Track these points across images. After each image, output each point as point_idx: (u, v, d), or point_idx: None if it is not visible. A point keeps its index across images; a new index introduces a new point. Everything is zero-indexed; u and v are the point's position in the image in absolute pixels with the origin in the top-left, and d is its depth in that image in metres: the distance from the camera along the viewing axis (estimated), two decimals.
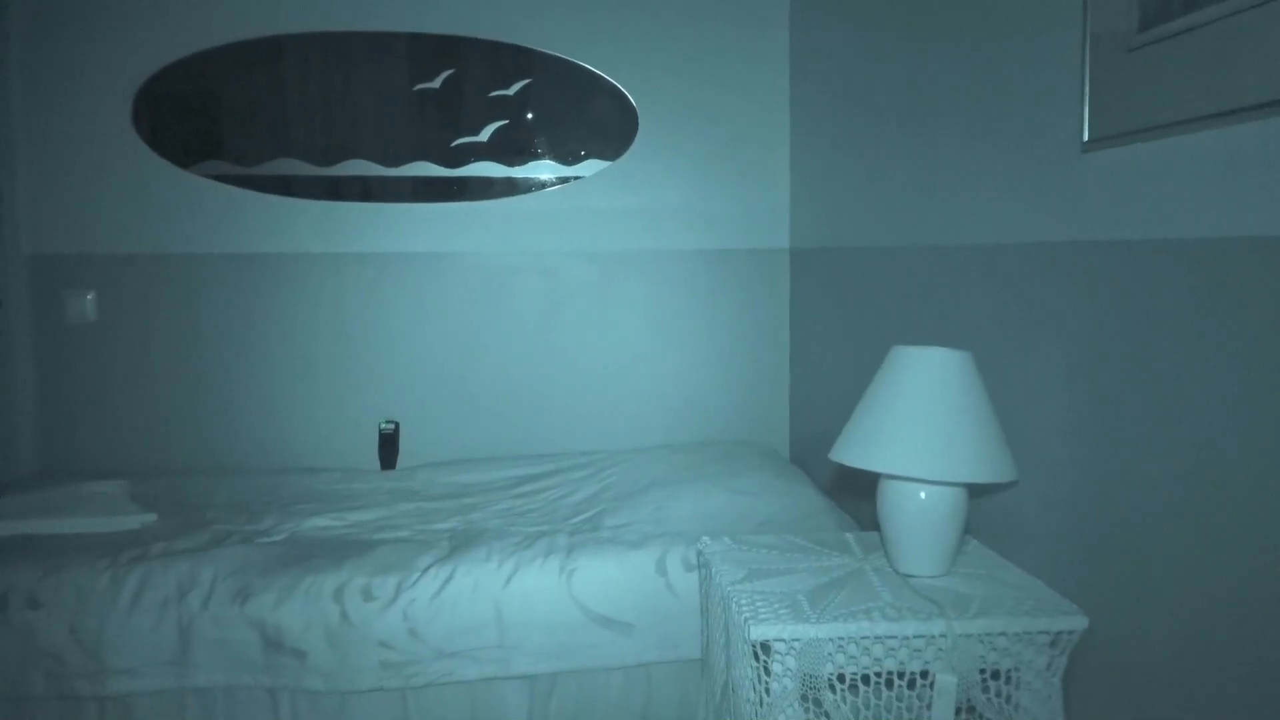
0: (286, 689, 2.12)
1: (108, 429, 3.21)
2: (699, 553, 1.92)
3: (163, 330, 3.21)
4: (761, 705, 1.54)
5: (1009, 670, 1.57)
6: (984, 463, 1.61)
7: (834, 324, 2.94)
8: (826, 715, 1.55)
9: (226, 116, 3.21)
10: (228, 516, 2.65)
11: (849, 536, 1.97)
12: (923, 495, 1.66)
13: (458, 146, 3.26)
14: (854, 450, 1.69)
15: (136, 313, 3.20)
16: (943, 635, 1.51)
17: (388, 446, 3.27)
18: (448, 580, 2.19)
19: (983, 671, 1.55)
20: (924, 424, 1.62)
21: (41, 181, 3.15)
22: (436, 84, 3.25)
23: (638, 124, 3.30)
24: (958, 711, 1.56)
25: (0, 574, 2.14)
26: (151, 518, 2.58)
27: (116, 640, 2.09)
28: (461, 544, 2.36)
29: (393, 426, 3.29)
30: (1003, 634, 1.53)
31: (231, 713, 2.14)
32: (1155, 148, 1.38)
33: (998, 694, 1.56)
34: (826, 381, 3.00)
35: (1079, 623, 1.53)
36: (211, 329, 3.23)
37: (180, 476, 3.04)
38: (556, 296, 3.34)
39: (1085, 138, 1.53)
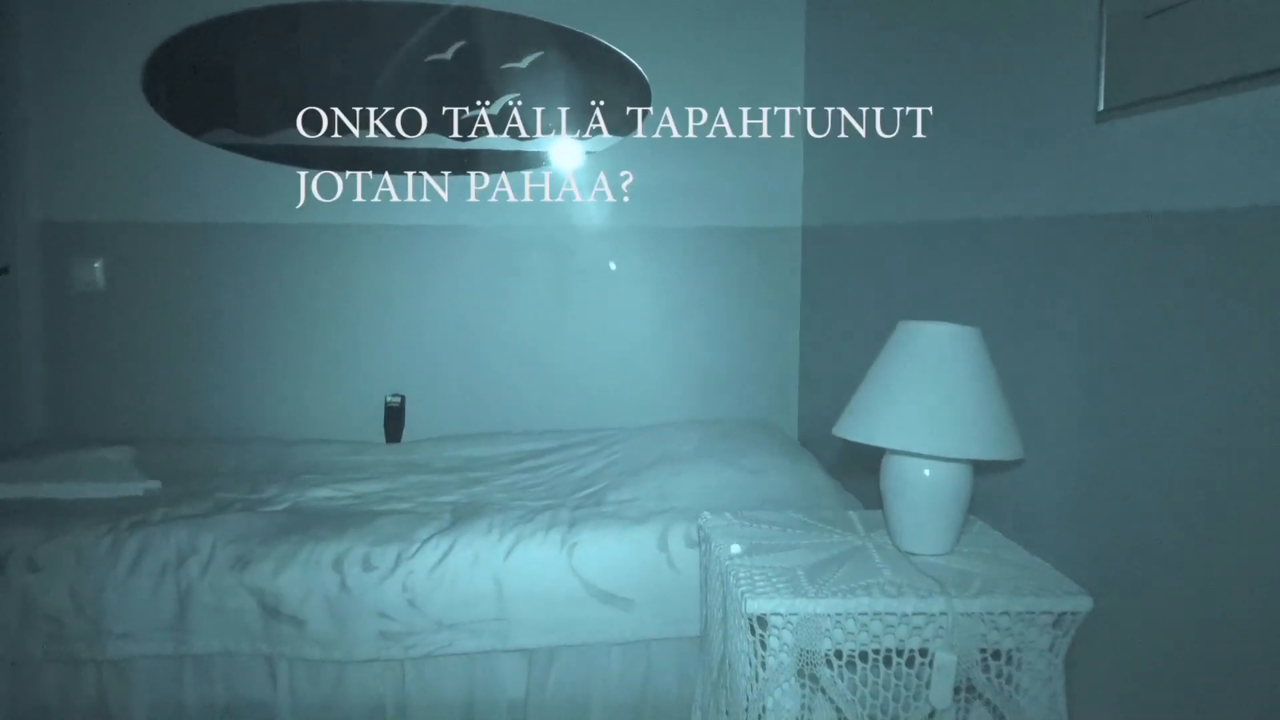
0: (285, 657, 2.11)
1: (114, 396, 3.21)
2: (699, 527, 1.89)
3: (170, 299, 3.20)
4: (757, 680, 1.52)
5: (1010, 650, 1.54)
6: (990, 440, 1.58)
7: (846, 303, 2.90)
8: (823, 691, 1.53)
9: (238, 85, 3.19)
10: (231, 485, 2.64)
11: (852, 514, 1.94)
12: (927, 472, 1.63)
13: (469, 119, 3.23)
14: (857, 425, 1.66)
15: (144, 281, 3.20)
16: (943, 613, 1.49)
17: (393, 419, 3.26)
18: (448, 552, 2.17)
19: (983, 651, 1.53)
20: (929, 400, 1.59)
21: (51, 148, 3.14)
22: (448, 55, 3.22)
23: (650, 98, 3.26)
24: (956, 691, 1.54)
25: (2, 535, 2.14)
26: (155, 485, 2.58)
27: (115, 605, 2.09)
28: (463, 516, 2.34)
29: (399, 399, 3.27)
30: (1005, 613, 1.50)
31: (230, 679, 2.13)
32: (1173, 116, 1.34)
33: (998, 674, 1.54)
34: (837, 361, 2.97)
35: (1083, 603, 1.50)
36: (220, 298, 3.22)
37: (186, 445, 3.03)
38: (565, 272, 3.32)
39: (1100, 107, 1.49)
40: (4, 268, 3.03)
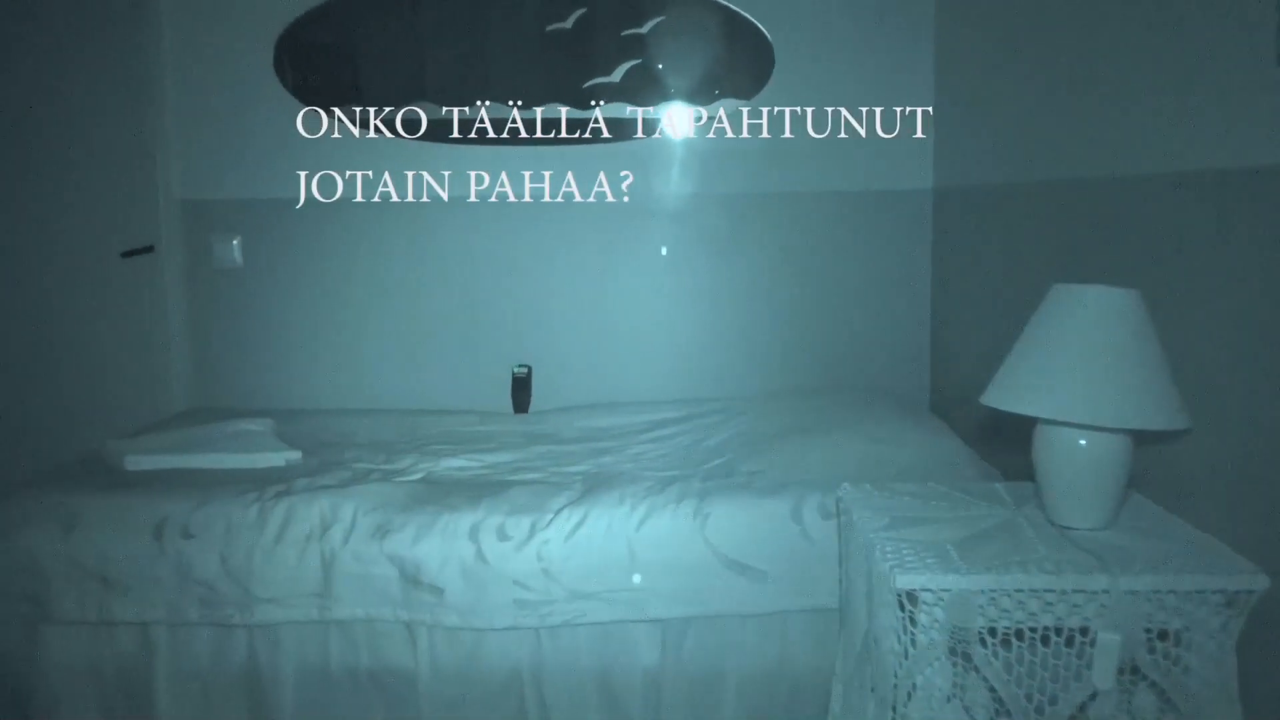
0: (424, 624, 2.16)
1: (254, 369, 3.32)
2: (838, 499, 1.85)
3: (306, 274, 3.29)
4: (906, 657, 1.47)
5: (1178, 631, 1.46)
6: (1152, 408, 1.50)
7: (983, 267, 2.79)
8: (976, 670, 1.48)
9: (364, 61, 3.23)
10: (367, 455, 2.70)
11: (999, 486, 1.87)
12: (1083, 442, 1.56)
13: (590, 87, 3.21)
14: (1008, 394, 1.59)
15: (280, 257, 3.28)
16: (1106, 591, 1.41)
17: (521, 390, 3.29)
18: (581, 522, 2.18)
19: (1149, 631, 1.45)
20: (1087, 367, 1.52)
21: (191, 128, 3.24)
22: (568, 24, 3.20)
23: (774, 60, 3.18)
24: (1120, 672, 1.47)
25: (157, 504, 2.23)
26: (296, 455, 2.65)
27: (263, 571, 2.16)
28: (594, 486, 2.34)
29: (526, 370, 3.30)
30: (1172, 592, 1.42)
31: (372, 645, 2.19)
32: None
33: (1165, 655, 1.46)
34: (973, 328, 2.86)
35: (1259, 582, 1.41)
36: (351, 273, 3.29)
37: (322, 416, 3.12)
38: (689, 239, 3.28)
39: None
40: (149, 246, 3.15)
